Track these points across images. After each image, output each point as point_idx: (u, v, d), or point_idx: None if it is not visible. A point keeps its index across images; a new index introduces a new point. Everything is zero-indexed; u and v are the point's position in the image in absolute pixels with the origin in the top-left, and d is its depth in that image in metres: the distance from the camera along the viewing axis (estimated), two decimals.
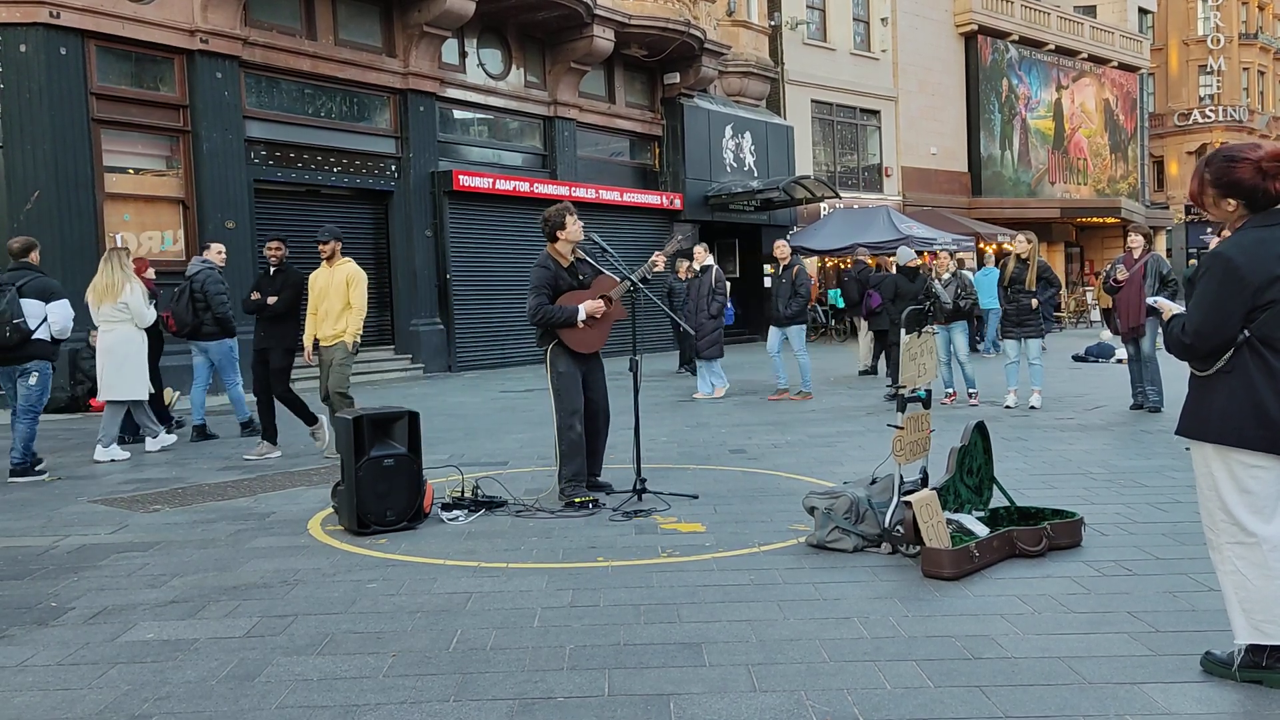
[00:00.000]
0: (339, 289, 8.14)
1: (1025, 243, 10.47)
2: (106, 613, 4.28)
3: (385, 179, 16.68)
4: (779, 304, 11.75)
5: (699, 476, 7.07)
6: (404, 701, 3.27)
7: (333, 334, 8.15)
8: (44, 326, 7.66)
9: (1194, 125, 45.13)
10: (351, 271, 8.22)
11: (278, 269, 8.60)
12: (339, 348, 8.14)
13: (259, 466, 7.97)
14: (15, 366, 7.67)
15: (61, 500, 6.83)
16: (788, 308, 11.63)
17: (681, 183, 21.92)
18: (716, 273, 12.28)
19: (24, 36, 12.35)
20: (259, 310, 8.53)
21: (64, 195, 12.52)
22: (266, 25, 15.00)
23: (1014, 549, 4.76)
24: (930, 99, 30.50)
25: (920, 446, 5.17)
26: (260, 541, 5.51)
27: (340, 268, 8.22)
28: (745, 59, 23.81)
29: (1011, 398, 10.47)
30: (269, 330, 8.54)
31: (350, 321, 8.12)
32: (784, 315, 11.67)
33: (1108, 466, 7.08)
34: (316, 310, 8.25)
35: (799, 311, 11.68)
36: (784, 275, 11.76)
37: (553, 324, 6.20)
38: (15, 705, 3.33)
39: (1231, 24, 45.07)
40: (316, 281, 8.27)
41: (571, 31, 18.95)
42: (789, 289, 11.65)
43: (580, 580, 4.58)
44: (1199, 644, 3.51)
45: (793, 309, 11.62)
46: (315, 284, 8.28)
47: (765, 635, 3.80)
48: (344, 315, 8.12)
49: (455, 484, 6.39)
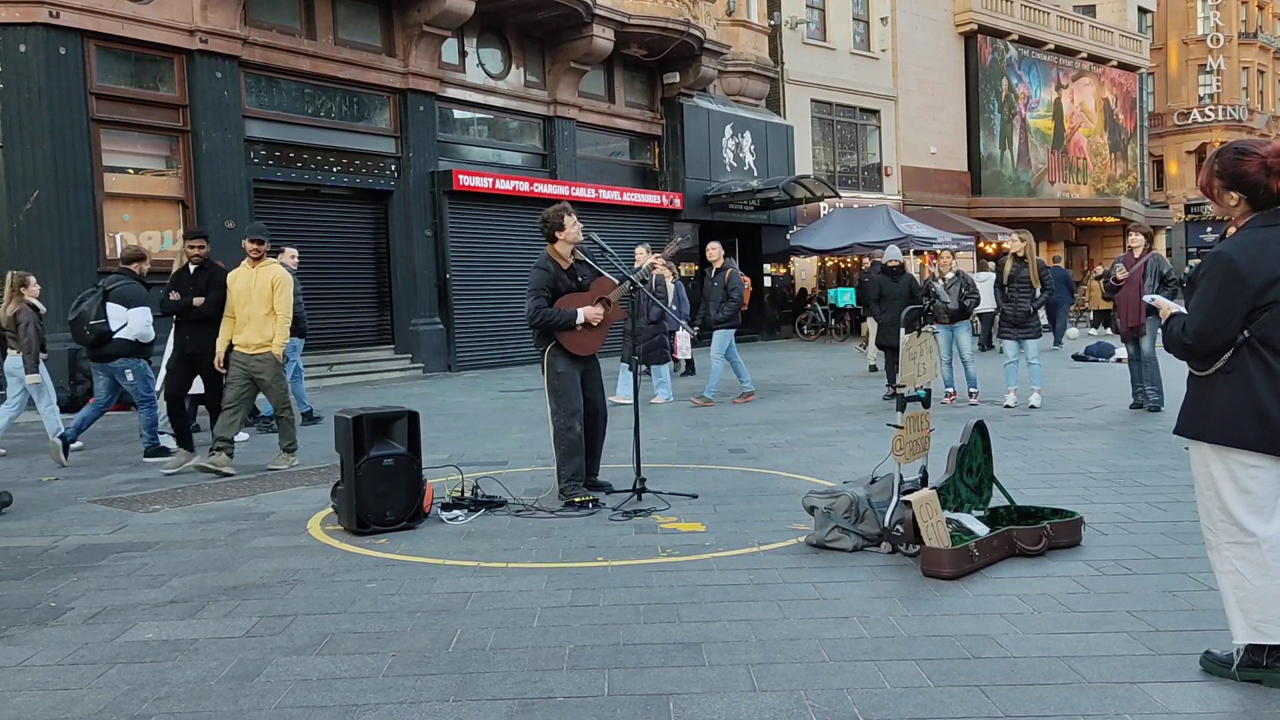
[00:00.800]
0: (262, 293, 7.65)
1: (1020, 241, 10.50)
2: (106, 613, 4.28)
3: (385, 179, 16.68)
4: (710, 307, 11.60)
5: (698, 476, 7.07)
6: (403, 701, 3.27)
7: (258, 343, 7.61)
8: (125, 329, 8.22)
9: (1193, 125, 45.12)
10: (278, 275, 7.75)
11: (199, 268, 8.05)
12: (267, 360, 7.62)
13: (259, 467, 7.96)
14: (106, 364, 8.34)
15: (61, 500, 6.83)
16: (719, 311, 11.46)
17: (681, 182, 21.92)
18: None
19: (24, 36, 12.34)
20: (183, 310, 7.98)
21: (63, 195, 12.52)
22: (266, 25, 14.99)
23: (1014, 548, 4.76)
24: (930, 98, 30.51)
25: (920, 446, 5.17)
26: (260, 541, 5.51)
27: (265, 270, 7.75)
28: (745, 58, 23.81)
29: (1011, 397, 10.48)
30: (196, 334, 7.96)
31: (278, 331, 7.65)
32: (715, 319, 11.48)
33: (1107, 466, 7.08)
34: (235, 314, 7.70)
35: (730, 316, 11.48)
36: (716, 279, 11.56)
37: (551, 327, 6.20)
38: (15, 705, 3.33)
39: (1231, 23, 45.07)
40: (236, 283, 7.73)
41: (571, 31, 18.94)
42: (721, 293, 11.48)
43: (580, 580, 4.59)
44: (1198, 643, 3.51)
45: (724, 313, 11.43)
46: (234, 285, 7.73)
47: (765, 635, 3.80)
48: (268, 322, 7.64)
49: (455, 484, 6.39)
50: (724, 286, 11.46)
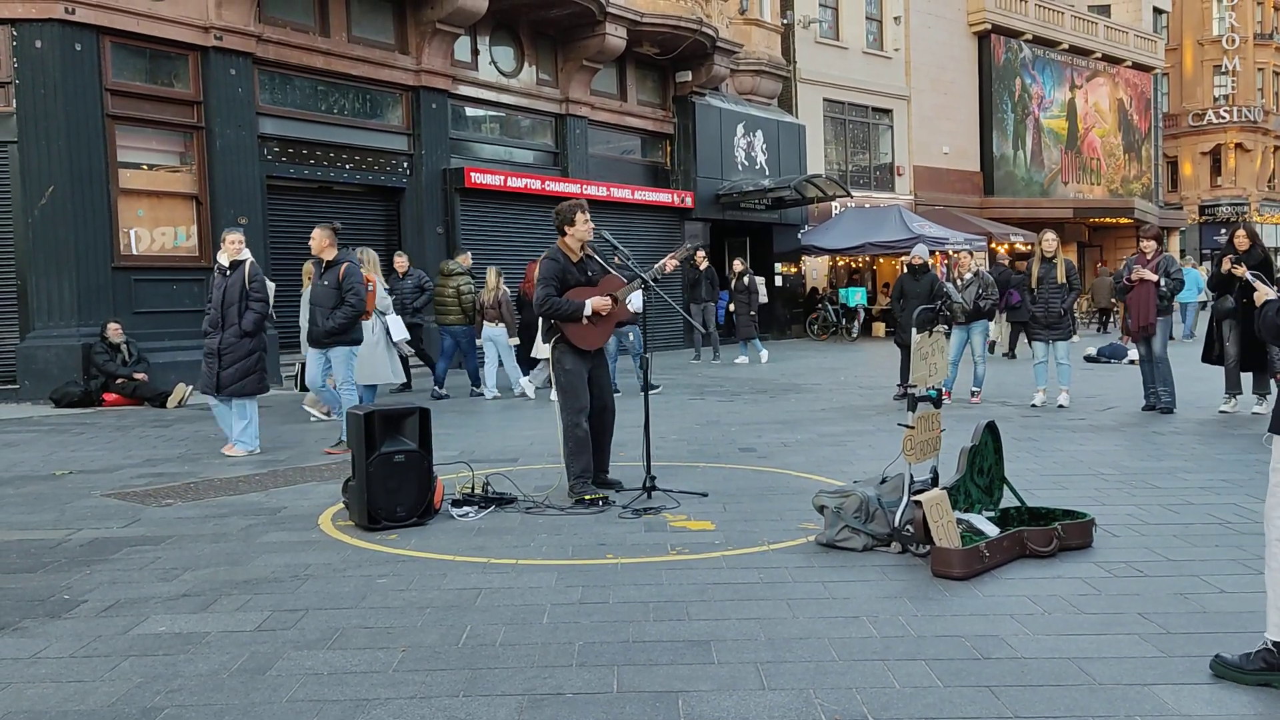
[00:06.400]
0: None
1: (1050, 241, 10.46)
2: (119, 606, 4.31)
3: (397, 176, 16.71)
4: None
5: (708, 474, 7.07)
6: (413, 696, 3.29)
7: None
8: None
9: (1208, 125, 44.90)
10: None
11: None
12: None
13: (272, 461, 7.99)
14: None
15: (74, 494, 6.87)
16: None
17: (693, 181, 21.90)
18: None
19: (39, 33, 12.40)
20: None
21: (78, 190, 12.58)
22: (280, 22, 15.03)
23: (1024, 549, 4.75)
24: (943, 98, 30.40)
25: (931, 446, 5.16)
26: (271, 536, 5.53)
27: None
28: (757, 57, 23.76)
29: (1040, 396, 10.48)
30: None
31: None
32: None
33: (1119, 467, 7.06)
34: None
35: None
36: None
37: (559, 316, 6.20)
38: (29, 697, 3.35)
39: (1247, 24, 44.80)
40: None
41: (584, 29, 18.93)
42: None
43: (589, 577, 4.59)
44: (1210, 646, 3.49)
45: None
46: None
47: (774, 633, 3.80)
48: None
49: (465, 480, 6.40)
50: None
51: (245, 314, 8.24)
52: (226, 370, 8.18)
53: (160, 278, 13.49)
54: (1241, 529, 5.22)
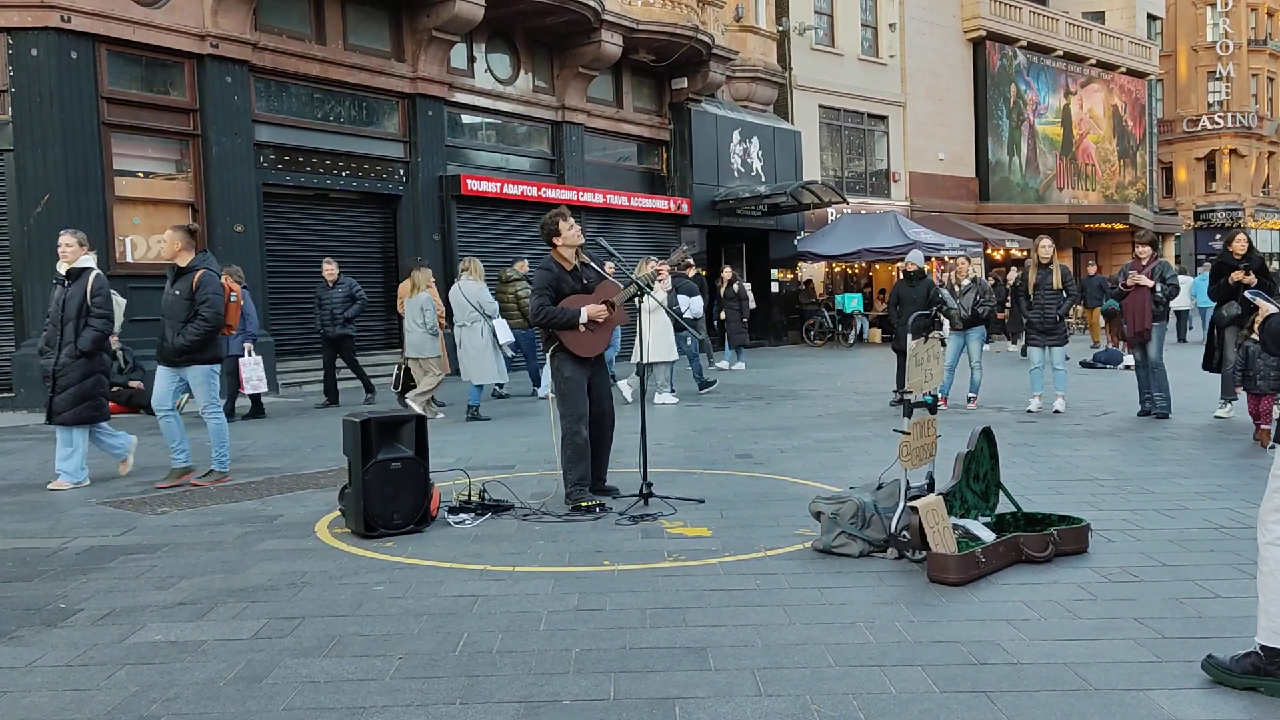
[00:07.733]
0: None
1: (1046, 248, 10.50)
2: (115, 614, 4.30)
3: (394, 183, 16.73)
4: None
5: (705, 481, 7.07)
6: (410, 704, 3.28)
7: None
8: None
9: (1203, 131, 45.04)
10: None
11: None
12: None
13: (266, 470, 7.98)
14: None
15: (70, 502, 6.86)
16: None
17: (689, 187, 21.94)
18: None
19: (35, 41, 12.41)
20: None
21: (74, 198, 12.58)
22: (276, 30, 15.06)
23: (1020, 555, 4.75)
24: (938, 104, 30.49)
25: (926, 452, 5.17)
26: (268, 544, 5.52)
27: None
28: (753, 64, 23.83)
29: (1036, 402, 10.51)
30: None
31: None
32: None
33: (1115, 473, 7.07)
34: None
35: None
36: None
37: (555, 325, 6.21)
38: (24, 706, 3.35)
39: (1241, 30, 44.97)
40: None
41: (580, 37, 18.98)
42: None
43: (586, 584, 4.59)
44: (1205, 650, 3.50)
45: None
46: None
47: (771, 640, 3.80)
48: None
49: (462, 487, 6.41)
50: None
51: (83, 331, 7.12)
52: (60, 395, 7.16)
53: (156, 286, 13.40)
54: (1237, 534, 5.23)
